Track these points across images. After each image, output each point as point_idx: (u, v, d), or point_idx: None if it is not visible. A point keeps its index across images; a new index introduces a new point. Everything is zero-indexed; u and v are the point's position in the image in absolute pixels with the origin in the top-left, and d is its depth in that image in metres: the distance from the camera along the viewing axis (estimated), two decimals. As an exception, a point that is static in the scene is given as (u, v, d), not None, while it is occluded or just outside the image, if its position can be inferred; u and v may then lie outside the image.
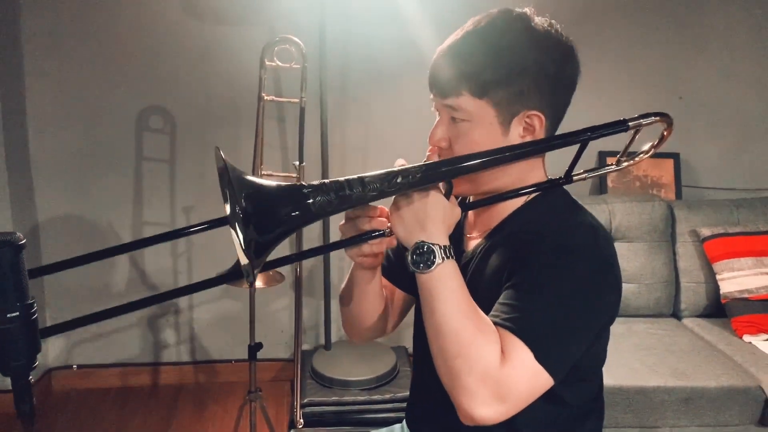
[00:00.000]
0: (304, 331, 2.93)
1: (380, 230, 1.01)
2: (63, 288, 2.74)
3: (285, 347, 2.97)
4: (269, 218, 0.86)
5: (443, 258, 0.94)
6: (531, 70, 1.01)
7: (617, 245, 2.10)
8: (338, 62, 2.66)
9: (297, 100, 2.23)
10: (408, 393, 1.32)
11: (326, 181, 0.91)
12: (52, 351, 2.85)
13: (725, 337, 2.49)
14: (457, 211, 1.00)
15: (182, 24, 2.62)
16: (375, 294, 1.18)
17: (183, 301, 2.90)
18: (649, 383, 2.14)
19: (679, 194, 2.92)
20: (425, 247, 0.94)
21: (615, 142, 1.26)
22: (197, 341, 2.95)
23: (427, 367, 0.99)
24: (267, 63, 2.16)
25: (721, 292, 2.58)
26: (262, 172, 2.17)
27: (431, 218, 0.96)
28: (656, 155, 2.76)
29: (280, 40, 2.16)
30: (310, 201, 0.89)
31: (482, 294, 0.98)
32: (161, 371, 2.92)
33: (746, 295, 2.53)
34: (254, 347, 2.17)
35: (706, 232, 2.66)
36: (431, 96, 1.08)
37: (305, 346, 2.94)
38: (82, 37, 2.60)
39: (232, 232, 0.92)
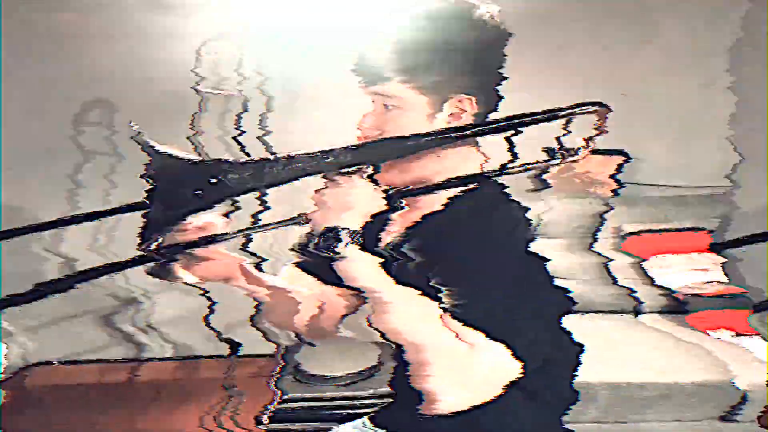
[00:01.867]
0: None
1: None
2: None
3: (266, 343, 2.91)
4: (178, 192, 0.84)
5: (354, 244, 0.93)
6: (456, 55, 1.01)
7: (555, 242, 2.13)
8: (280, 52, 2.61)
9: (236, 93, 2.19)
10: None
11: (253, 158, 0.89)
12: (17, 350, 2.75)
13: (688, 332, 2.52)
14: (380, 202, 0.99)
15: (122, 10, 2.55)
16: None
17: (156, 295, 2.82)
18: (619, 379, 2.15)
19: (615, 192, 2.96)
20: (335, 232, 0.93)
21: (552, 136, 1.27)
22: (176, 336, 2.88)
23: None
24: (206, 55, 2.11)
25: (676, 287, 2.62)
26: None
27: (350, 205, 0.95)
28: (598, 152, 2.84)
29: (220, 31, 2.12)
30: (228, 177, 0.87)
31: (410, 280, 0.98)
32: (138, 367, 2.84)
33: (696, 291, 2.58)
34: (233, 345, 2.13)
35: (628, 228, 2.71)
36: (361, 84, 1.07)
37: (286, 341, 2.90)
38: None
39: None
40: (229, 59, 2.13)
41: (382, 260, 0.96)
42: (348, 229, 0.92)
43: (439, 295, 0.96)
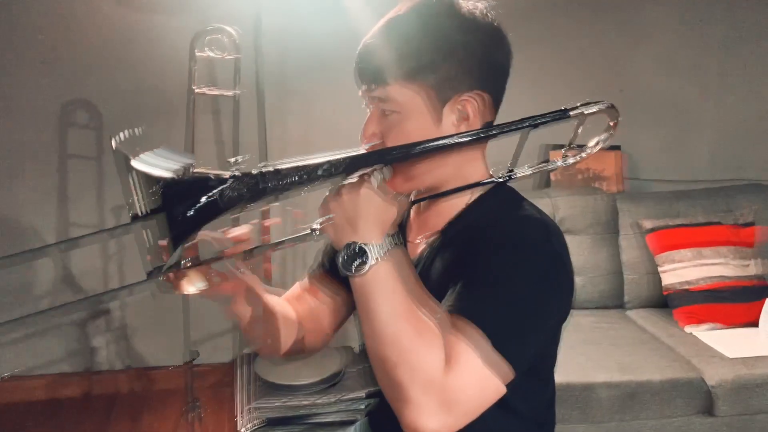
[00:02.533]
0: (245, 333, 2.82)
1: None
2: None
3: (225, 351, 2.85)
4: (169, 214, 0.78)
5: (377, 258, 0.87)
6: (458, 53, 0.95)
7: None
8: (276, 52, 2.54)
9: (231, 93, 2.12)
10: (356, 393, 1.25)
11: (237, 173, 0.83)
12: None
13: (667, 328, 2.50)
14: (392, 210, 0.92)
15: (106, 12, 2.47)
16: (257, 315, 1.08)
17: (114, 304, 2.76)
18: (595, 379, 2.12)
19: (621, 187, 2.93)
20: (356, 247, 0.87)
21: (558, 134, 1.21)
22: (131, 347, 2.81)
23: None
24: (197, 53, 2.04)
25: (663, 283, 2.60)
26: (194, 170, 2.04)
27: (362, 216, 0.89)
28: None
29: (212, 29, 2.05)
30: (217, 196, 0.81)
31: (435, 298, 0.91)
32: (93, 380, 2.77)
33: (686, 287, 2.55)
34: (191, 354, 2.06)
35: (648, 224, 2.67)
36: (360, 91, 1.01)
37: (247, 350, 2.84)
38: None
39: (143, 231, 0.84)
40: (226, 60, 2.06)
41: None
42: (372, 244, 0.85)
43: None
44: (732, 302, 2.52)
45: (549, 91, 2.79)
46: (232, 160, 1.92)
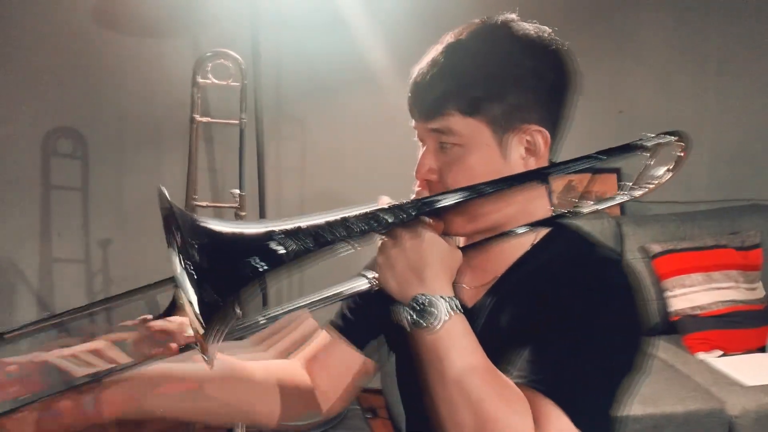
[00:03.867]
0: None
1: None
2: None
3: None
4: (230, 275, 0.67)
5: (449, 312, 0.77)
6: (527, 79, 0.87)
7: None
8: (273, 77, 2.43)
9: (236, 122, 1.99)
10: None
11: (301, 224, 0.72)
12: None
13: (679, 355, 2.43)
14: (458, 255, 0.83)
15: (93, 35, 2.35)
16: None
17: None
18: (619, 413, 2.03)
19: (623, 210, 2.88)
20: (426, 300, 0.77)
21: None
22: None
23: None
24: (200, 80, 1.92)
25: (672, 309, 2.53)
26: (196, 203, 1.92)
27: (429, 265, 0.78)
28: (599, 171, 2.74)
29: (214, 54, 1.93)
30: (283, 251, 0.70)
31: (502, 354, 0.80)
32: None
33: (698, 312, 2.49)
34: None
35: (655, 248, 2.61)
36: (413, 122, 0.91)
37: None
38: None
39: (183, 295, 0.72)
40: (214, 86, 1.94)
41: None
42: (443, 296, 0.75)
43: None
44: (743, 327, 2.47)
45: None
46: (235, 191, 1.79)
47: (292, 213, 0.83)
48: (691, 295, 2.51)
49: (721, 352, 2.42)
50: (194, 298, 0.62)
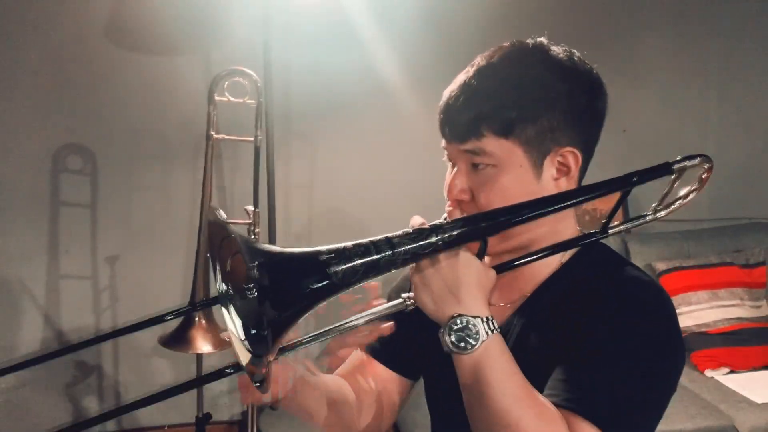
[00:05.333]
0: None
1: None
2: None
3: (224, 408, 2.69)
4: (290, 293, 0.68)
5: (488, 332, 0.78)
6: (561, 102, 0.88)
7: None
8: (284, 94, 2.45)
9: (251, 139, 2.01)
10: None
11: (347, 244, 0.73)
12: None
13: (687, 372, 2.44)
14: (492, 275, 0.84)
15: (103, 52, 2.36)
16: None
17: (106, 363, 2.58)
18: None
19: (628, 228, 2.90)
20: (464, 320, 0.77)
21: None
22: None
23: None
24: (217, 98, 1.93)
25: (679, 326, 2.54)
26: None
27: (465, 285, 0.79)
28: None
29: (230, 72, 1.94)
30: (333, 270, 0.71)
31: (532, 375, 0.81)
32: None
33: (704, 329, 2.51)
34: (202, 419, 1.91)
35: (662, 266, 2.63)
36: (443, 143, 0.92)
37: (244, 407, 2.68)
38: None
39: (227, 314, 0.73)
40: (224, 103, 1.94)
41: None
42: (482, 317, 0.76)
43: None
44: (749, 345, 2.49)
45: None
46: (250, 208, 1.79)
47: (301, 230, 0.84)
48: (697, 312, 2.52)
49: (728, 369, 2.44)
50: (246, 318, 0.63)
